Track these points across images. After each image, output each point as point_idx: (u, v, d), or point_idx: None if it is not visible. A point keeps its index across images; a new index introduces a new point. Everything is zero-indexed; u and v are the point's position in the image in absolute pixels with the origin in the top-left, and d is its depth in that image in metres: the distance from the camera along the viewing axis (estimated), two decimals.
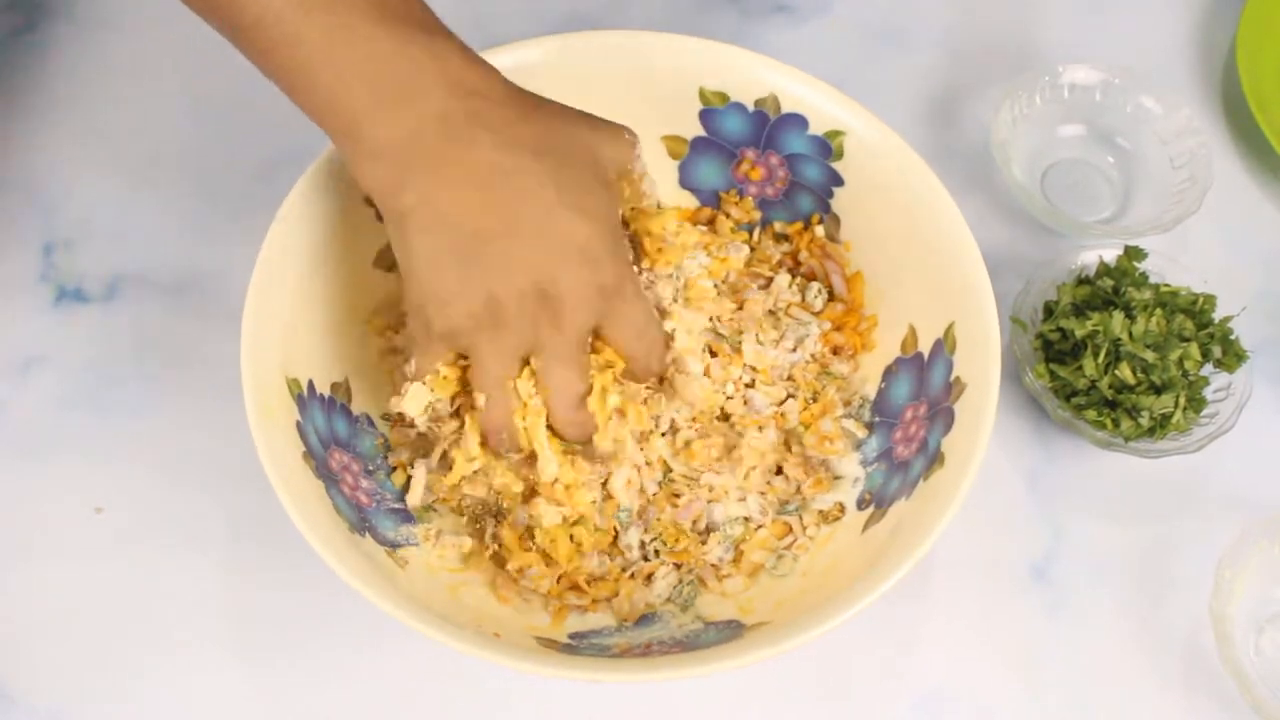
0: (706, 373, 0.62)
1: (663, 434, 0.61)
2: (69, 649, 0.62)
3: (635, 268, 0.58)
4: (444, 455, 0.59)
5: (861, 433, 0.63)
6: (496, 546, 0.60)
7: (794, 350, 0.64)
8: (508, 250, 0.52)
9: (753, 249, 0.68)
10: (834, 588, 0.55)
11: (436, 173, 0.52)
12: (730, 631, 0.57)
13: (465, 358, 0.56)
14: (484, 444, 0.57)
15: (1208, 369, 0.68)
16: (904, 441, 0.61)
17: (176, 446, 0.67)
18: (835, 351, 0.65)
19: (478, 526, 0.61)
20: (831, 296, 0.66)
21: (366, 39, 0.51)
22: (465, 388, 0.57)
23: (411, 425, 0.61)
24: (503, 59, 0.62)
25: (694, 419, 0.62)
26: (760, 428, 0.63)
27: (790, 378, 0.64)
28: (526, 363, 0.55)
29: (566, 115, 0.55)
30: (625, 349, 0.56)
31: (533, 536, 0.60)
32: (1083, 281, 0.70)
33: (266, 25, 0.51)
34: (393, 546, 0.58)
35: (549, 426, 0.57)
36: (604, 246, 0.54)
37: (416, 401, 0.57)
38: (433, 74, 0.52)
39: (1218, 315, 0.68)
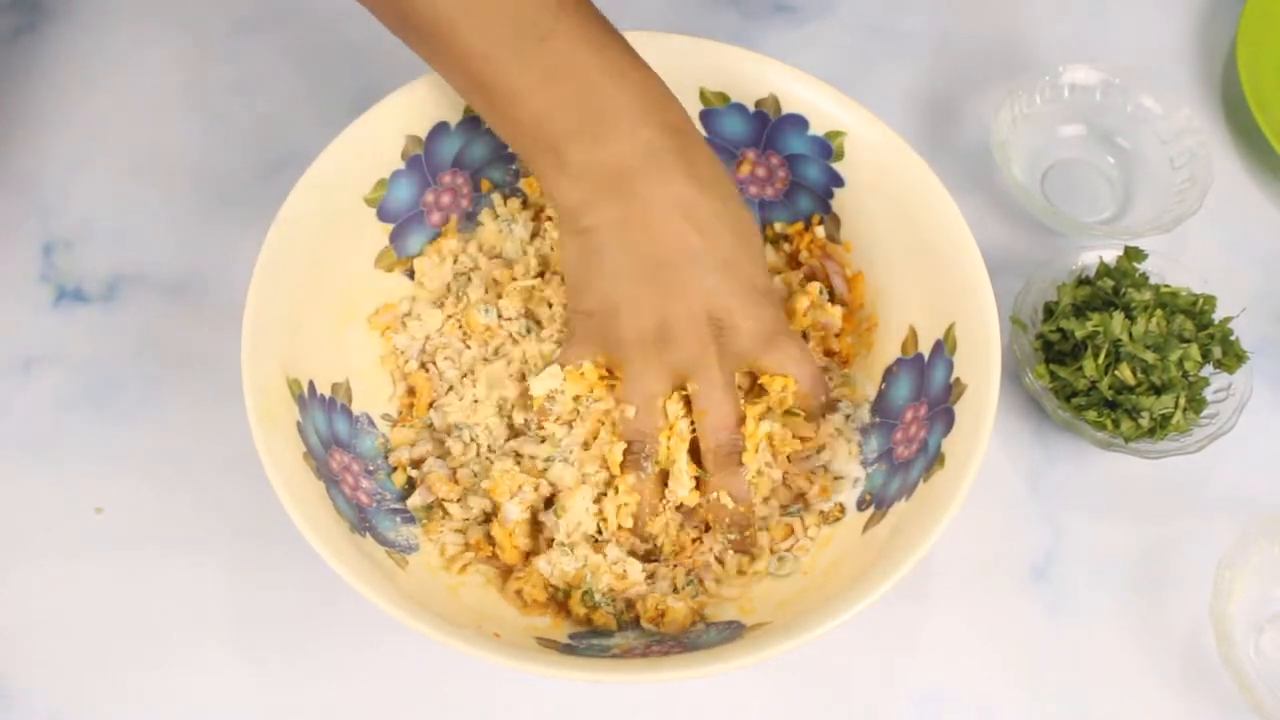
0: None
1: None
2: (69, 649, 0.62)
3: None
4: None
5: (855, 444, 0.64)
6: (493, 549, 0.60)
7: None
8: (688, 277, 0.56)
9: None
10: (834, 588, 0.55)
11: (633, 201, 0.55)
12: (730, 632, 0.57)
13: (610, 372, 0.59)
14: (624, 457, 0.59)
15: (1208, 370, 0.68)
16: (904, 442, 0.61)
17: (176, 446, 0.67)
18: (828, 354, 0.65)
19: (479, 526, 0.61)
20: (832, 297, 0.66)
21: (578, 71, 0.54)
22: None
23: (411, 424, 0.62)
24: None
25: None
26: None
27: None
28: (679, 387, 0.59)
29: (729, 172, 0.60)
30: (790, 382, 0.60)
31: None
32: (1083, 282, 0.70)
33: (474, 58, 0.54)
34: (393, 546, 0.58)
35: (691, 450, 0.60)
36: (771, 291, 0.59)
37: (545, 384, 0.59)
38: (640, 107, 0.55)
39: (1218, 316, 0.68)
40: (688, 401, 0.59)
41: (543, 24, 0.54)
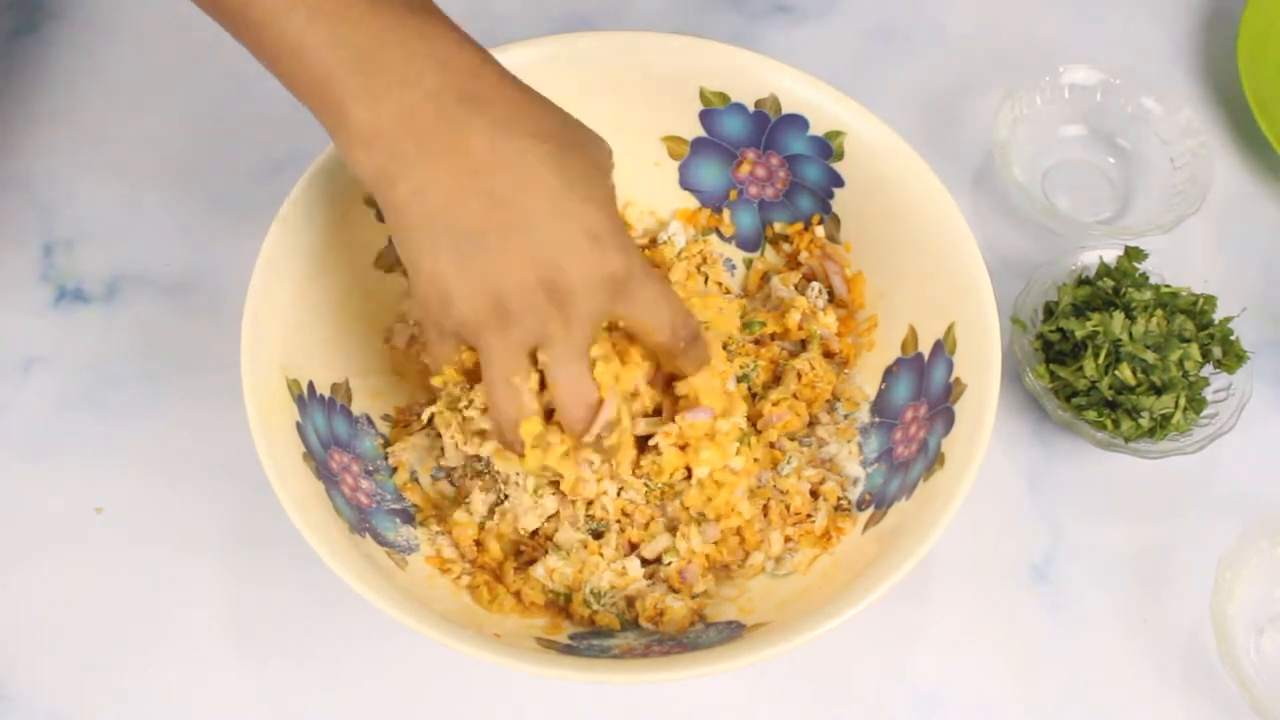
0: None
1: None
2: (69, 649, 0.62)
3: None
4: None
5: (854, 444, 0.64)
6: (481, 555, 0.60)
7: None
8: (510, 242, 0.50)
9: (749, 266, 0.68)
10: (834, 588, 0.55)
11: (430, 162, 0.49)
12: (730, 632, 0.57)
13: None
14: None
15: (1208, 370, 0.68)
16: (904, 442, 0.61)
17: (176, 446, 0.67)
18: (828, 355, 0.65)
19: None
20: (832, 297, 0.66)
21: (356, 20, 0.49)
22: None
23: (408, 424, 0.62)
24: (503, 59, 0.62)
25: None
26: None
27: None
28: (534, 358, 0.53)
29: (558, 109, 0.53)
30: (649, 330, 0.53)
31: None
32: (1083, 282, 0.70)
33: (254, 8, 0.50)
34: (392, 547, 0.58)
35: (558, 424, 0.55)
36: (611, 232, 0.51)
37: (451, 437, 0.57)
38: (423, 56, 0.49)
39: (1218, 316, 0.68)
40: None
41: None
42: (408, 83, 0.49)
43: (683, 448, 0.58)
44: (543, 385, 0.53)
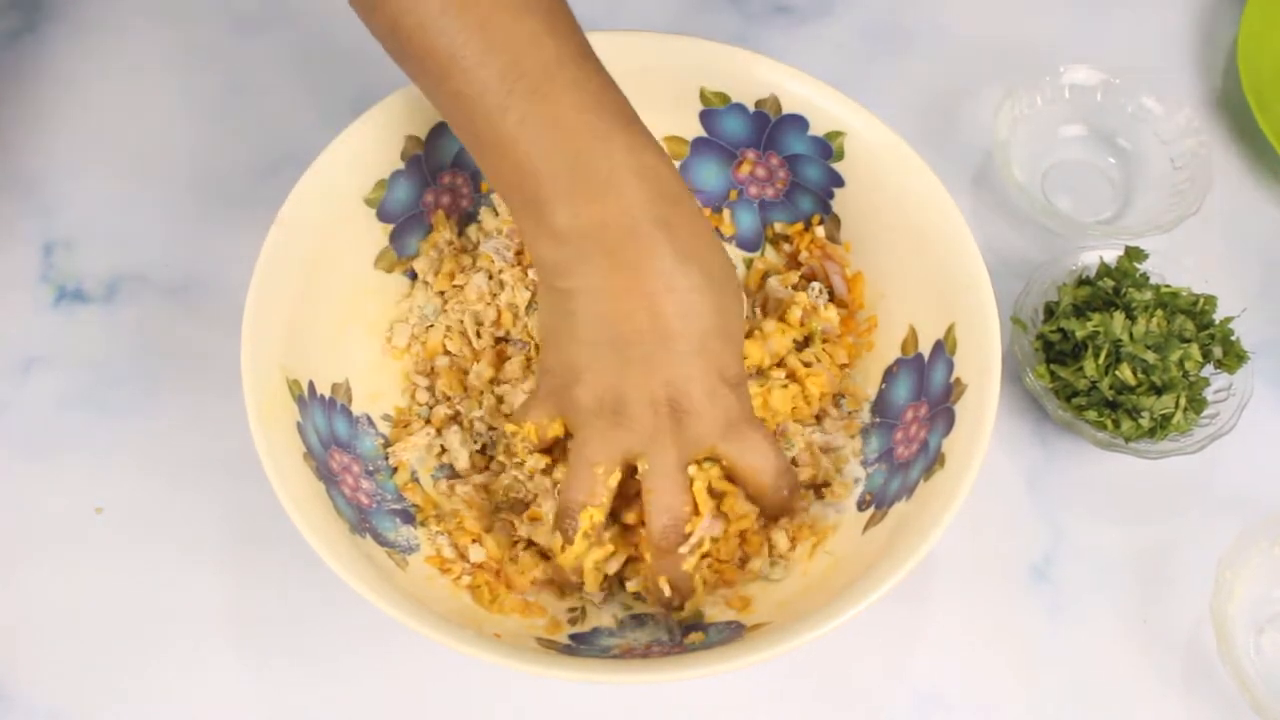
0: None
1: None
2: (69, 649, 0.62)
3: None
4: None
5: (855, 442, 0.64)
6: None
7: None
8: (654, 359, 0.54)
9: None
10: (834, 588, 0.55)
11: (612, 273, 0.53)
12: (730, 632, 0.57)
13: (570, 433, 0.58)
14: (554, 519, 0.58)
15: (1208, 370, 0.68)
16: (904, 442, 0.61)
17: (176, 446, 0.67)
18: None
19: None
20: (832, 297, 0.66)
21: (570, 128, 0.52)
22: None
23: (408, 426, 0.62)
24: None
25: None
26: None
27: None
28: (628, 465, 0.56)
29: (725, 252, 0.56)
30: (755, 472, 0.57)
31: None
32: (1083, 282, 0.70)
33: (468, 101, 0.52)
34: (392, 547, 0.58)
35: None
36: (740, 380, 0.56)
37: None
38: (627, 171, 0.52)
39: (1218, 316, 0.68)
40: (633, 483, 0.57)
41: (540, 71, 0.52)
42: (610, 194, 0.52)
43: None
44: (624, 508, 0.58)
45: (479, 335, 0.64)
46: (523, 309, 0.64)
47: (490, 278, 0.65)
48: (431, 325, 0.65)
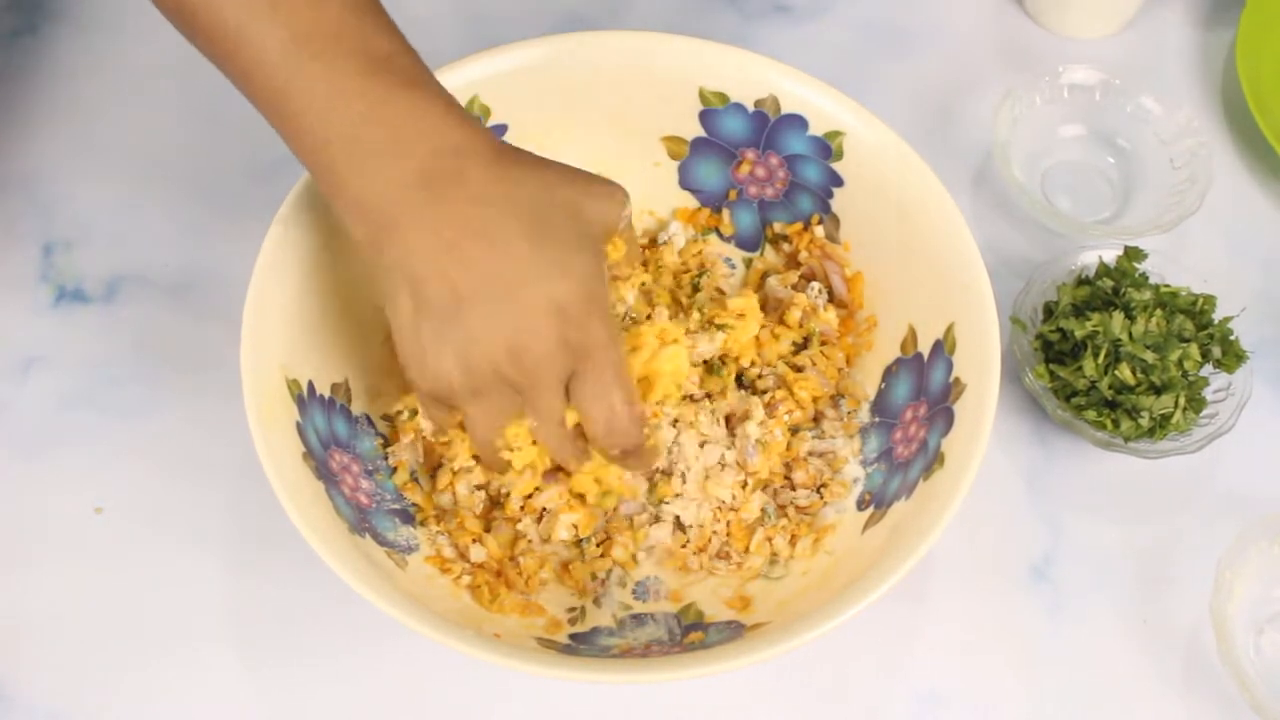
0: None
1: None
2: (69, 649, 0.62)
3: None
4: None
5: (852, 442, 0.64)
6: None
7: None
8: (478, 314, 0.50)
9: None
10: (834, 588, 0.55)
11: (413, 233, 0.50)
12: (730, 632, 0.57)
13: None
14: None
15: (1207, 369, 0.68)
16: (904, 442, 0.61)
17: (176, 446, 0.67)
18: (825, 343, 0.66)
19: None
20: (831, 297, 0.66)
21: (354, 94, 0.50)
22: None
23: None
24: (503, 59, 0.63)
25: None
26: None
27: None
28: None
29: (551, 171, 0.53)
30: (583, 413, 0.53)
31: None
32: (1082, 282, 0.70)
33: (259, 70, 0.52)
34: (392, 547, 0.58)
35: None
36: (578, 304, 0.51)
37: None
38: (415, 131, 0.51)
39: (1217, 316, 0.68)
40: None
41: (322, 37, 0.50)
42: (399, 158, 0.50)
43: None
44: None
45: None
46: None
47: None
48: None
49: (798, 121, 0.64)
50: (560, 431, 0.53)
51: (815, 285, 0.66)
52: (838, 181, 0.65)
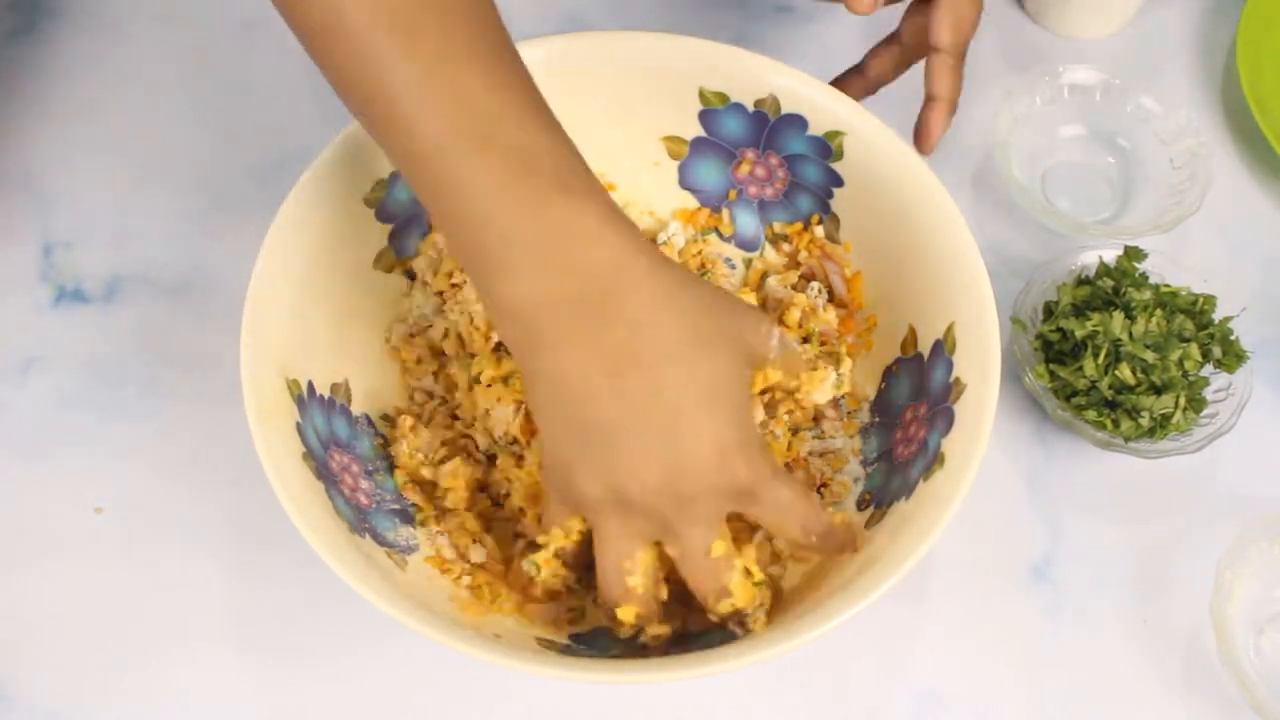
0: None
1: None
2: (69, 649, 0.62)
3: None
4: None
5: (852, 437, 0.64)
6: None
7: None
8: (637, 445, 0.49)
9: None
10: (833, 588, 0.55)
11: (567, 351, 0.49)
12: (730, 632, 0.57)
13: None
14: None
15: (1208, 369, 0.68)
16: (904, 442, 0.61)
17: (176, 446, 0.67)
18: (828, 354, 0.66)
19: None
20: (831, 297, 0.66)
21: (510, 199, 0.47)
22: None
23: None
24: None
25: None
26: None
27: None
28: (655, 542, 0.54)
29: (714, 299, 0.51)
30: (780, 531, 0.54)
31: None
32: (1083, 282, 0.70)
33: (415, 156, 0.48)
34: (392, 547, 0.58)
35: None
36: (739, 444, 0.50)
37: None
38: (571, 245, 0.48)
39: (1218, 315, 0.68)
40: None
41: (487, 125, 0.47)
42: (553, 269, 0.48)
43: None
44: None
45: (476, 336, 0.64)
46: None
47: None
48: (430, 325, 0.65)
49: (798, 121, 0.64)
50: (707, 562, 0.53)
51: (815, 285, 0.66)
52: (838, 181, 0.65)
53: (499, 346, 0.64)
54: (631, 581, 0.54)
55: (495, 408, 0.61)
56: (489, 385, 0.61)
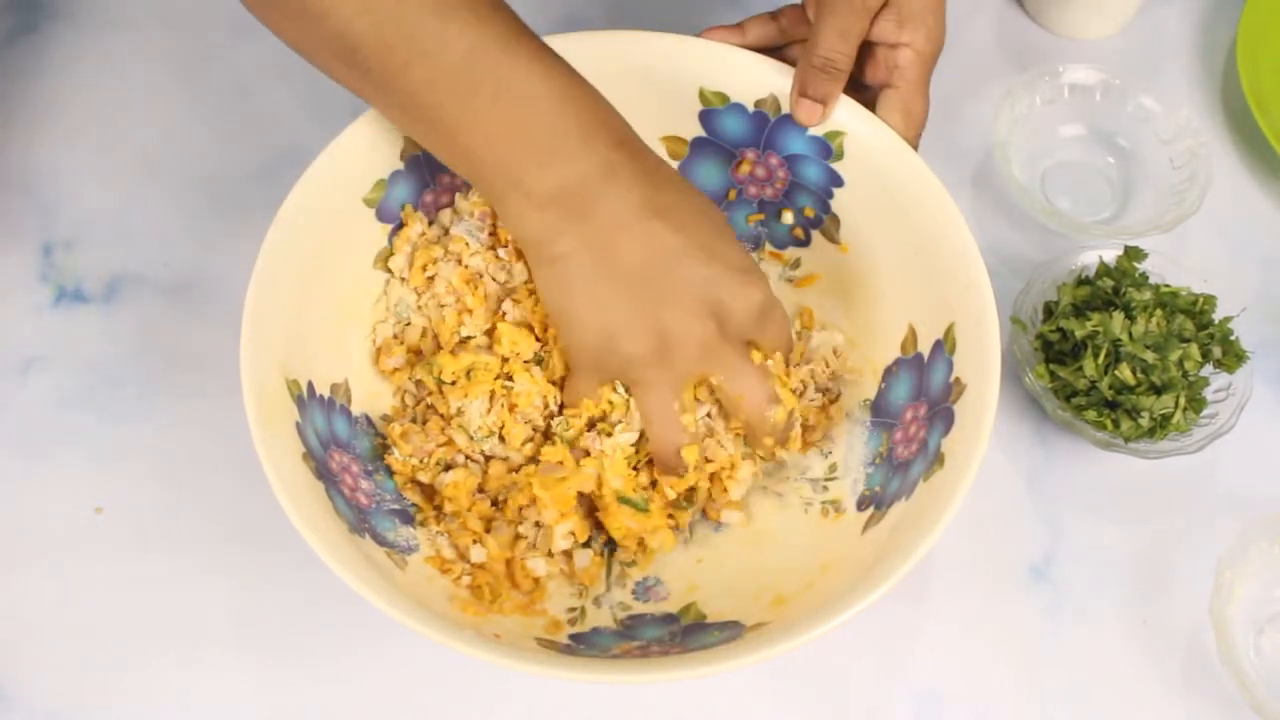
0: None
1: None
2: (69, 649, 0.63)
3: None
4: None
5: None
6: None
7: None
8: (673, 280, 0.56)
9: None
10: (834, 588, 0.55)
11: (598, 218, 0.55)
12: (730, 632, 0.57)
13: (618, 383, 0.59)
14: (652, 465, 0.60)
15: (1208, 369, 0.68)
16: (904, 442, 0.61)
17: (176, 446, 0.67)
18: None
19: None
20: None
21: (532, 96, 0.54)
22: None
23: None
24: None
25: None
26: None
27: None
28: (699, 383, 0.59)
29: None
30: (734, 397, 0.59)
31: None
32: (1083, 282, 0.70)
33: (441, 73, 0.54)
34: (392, 547, 0.58)
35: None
36: (753, 268, 0.58)
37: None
38: (593, 127, 0.55)
39: (1218, 316, 0.68)
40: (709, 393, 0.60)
41: (483, 54, 0.54)
42: (582, 152, 0.55)
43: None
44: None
45: (445, 330, 0.64)
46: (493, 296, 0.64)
47: (460, 264, 0.64)
48: (409, 323, 0.64)
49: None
50: (755, 371, 0.59)
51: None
52: (838, 181, 0.65)
53: (464, 341, 0.63)
54: (686, 420, 0.59)
55: (465, 405, 0.61)
56: (453, 383, 0.61)
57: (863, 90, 0.65)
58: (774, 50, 0.65)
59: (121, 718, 0.61)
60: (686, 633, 0.58)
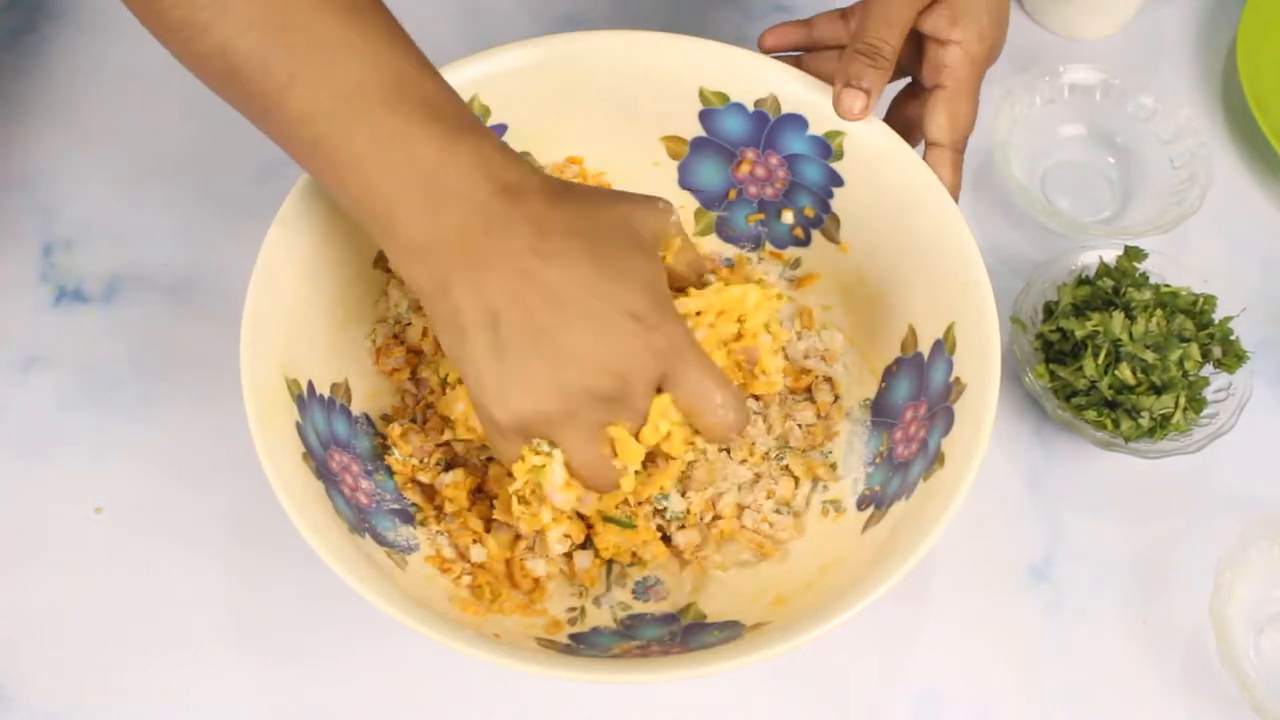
0: None
1: None
2: (69, 649, 0.63)
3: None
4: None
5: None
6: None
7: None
8: (564, 336, 0.52)
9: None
10: (834, 588, 0.55)
11: (479, 268, 0.52)
12: (730, 632, 0.57)
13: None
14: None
15: (1208, 369, 0.68)
16: (904, 442, 0.61)
17: (176, 446, 0.67)
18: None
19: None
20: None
21: (412, 140, 0.51)
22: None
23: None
24: (502, 59, 0.63)
25: None
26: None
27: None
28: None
29: (598, 195, 0.55)
30: (688, 411, 0.55)
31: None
32: (1083, 282, 0.70)
33: (307, 121, 0.51)
34: (392, 547, 0.58)
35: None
36: (650, 308, 0.53)
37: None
38: (473, 175, 0.52)
39: (1218, 315, 0.68)
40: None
41: (371, 86, 0.51)
42: (461, 201, 0.51)
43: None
44: None
45: None
46: None
47: None
48: (409, 323, 0.64)
49: (798, 121, 0.64)
50: (692, 389, 0.54)
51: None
52: (838, 181, 0.64)
53: None
54: (618, 464, 0.55)
55: (466, 405, 0.61)
56: (454, 386, 0.61)
57: (921, 91, 0.64)
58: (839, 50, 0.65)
59: (121, 718, 0.61)
60: (686, 632, 0.58)
